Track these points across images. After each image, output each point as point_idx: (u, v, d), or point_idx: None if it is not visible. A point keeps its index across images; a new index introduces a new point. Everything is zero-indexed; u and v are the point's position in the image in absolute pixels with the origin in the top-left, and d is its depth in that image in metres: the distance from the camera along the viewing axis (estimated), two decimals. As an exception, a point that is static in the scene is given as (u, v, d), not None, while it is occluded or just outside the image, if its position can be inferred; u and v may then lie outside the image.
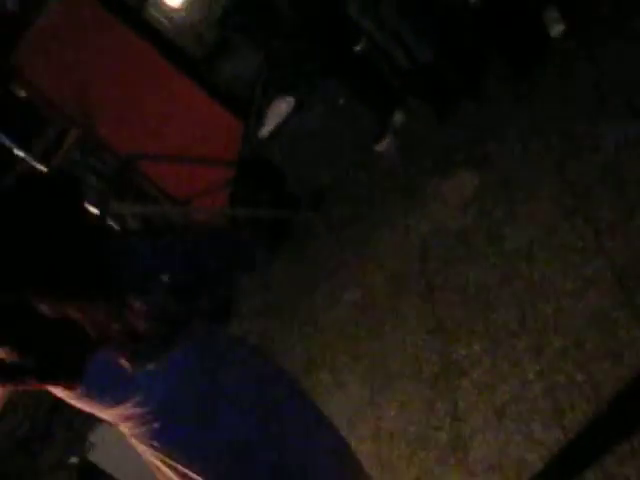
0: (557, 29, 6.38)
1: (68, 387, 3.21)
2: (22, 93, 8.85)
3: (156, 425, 3.34)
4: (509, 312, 4.86)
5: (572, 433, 4.06)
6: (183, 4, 10.20)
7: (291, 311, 6.97)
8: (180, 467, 3.42)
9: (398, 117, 7.39)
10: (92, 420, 6.17)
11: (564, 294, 4.61)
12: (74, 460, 6.86)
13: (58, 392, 3.26)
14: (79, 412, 3.35)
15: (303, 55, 7.94)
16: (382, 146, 7.39)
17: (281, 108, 9.47)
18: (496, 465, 4.27)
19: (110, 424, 3.50)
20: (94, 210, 7.72)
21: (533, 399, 4.34)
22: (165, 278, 3.35)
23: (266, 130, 9.55)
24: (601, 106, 5.45)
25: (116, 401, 3.28)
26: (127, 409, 3.30)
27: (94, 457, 6.12)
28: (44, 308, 3.07)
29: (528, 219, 5.25)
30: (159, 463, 3.49)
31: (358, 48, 7.34)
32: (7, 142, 7.61)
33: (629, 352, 4.09)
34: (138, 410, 3.31)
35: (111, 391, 3.26)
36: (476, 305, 5.14)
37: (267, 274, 7.68)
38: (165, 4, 10.13)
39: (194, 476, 3.43)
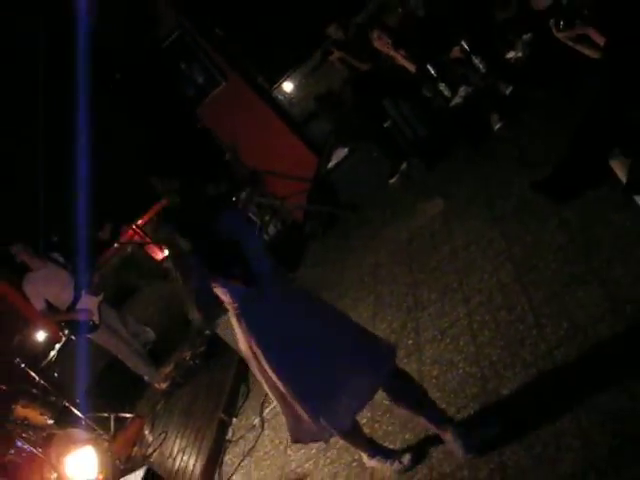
0: (497, 125, 6.44)
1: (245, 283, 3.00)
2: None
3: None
4: (451, 276, 4.78)
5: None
6: (293, 91, 10.26)
7: (332, 265, 6.84)
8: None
9: (404, 165, 7.35)
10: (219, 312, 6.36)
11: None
12: (209, 332, 6.78)
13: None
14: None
15: (356, 125, 7.97)
16: (393, 181, 7.42)
17: (340, 153, 9.50)
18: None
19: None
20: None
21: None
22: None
23: (331, 165, 9.60)
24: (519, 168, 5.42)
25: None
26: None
27: (220, 332, 5.88)
28: None
29: (470, 229, 5.17)
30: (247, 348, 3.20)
31: (386, 125, 7.41)
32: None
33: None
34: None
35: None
36: (434, 275, 5.06)
37: (321, 246, 7.66)
38: (284, 89, 10.18)
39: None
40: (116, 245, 8.07)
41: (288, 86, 10.29)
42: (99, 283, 7.23)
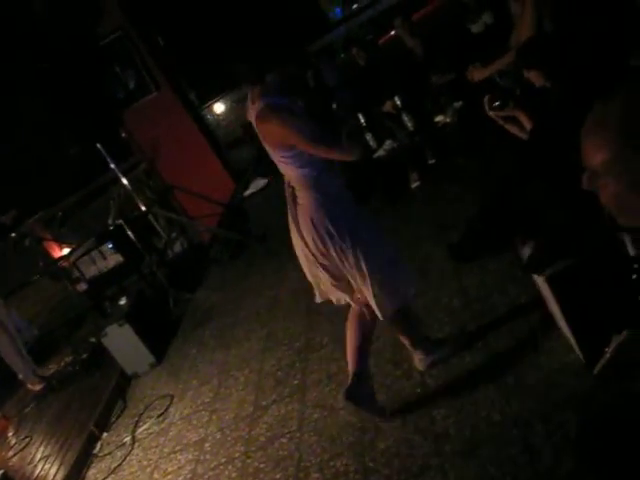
0: (415, 184, 6.57)
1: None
2: (123, 135, 8.89)
3: None
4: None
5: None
6: (222, 113, 10.24)
7: (231, 292, 6.73)
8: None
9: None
10: (109, 320, 6.23)
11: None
12: (94, 339, 6.67)
13: None
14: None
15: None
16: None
17: (258, 184, 9.51)
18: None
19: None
20: (143, 208, 7.80)
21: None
22: None
23: (247, 193, 9.59)
24: (431, 228, 5.53)
25: None
26: None
27: (105, 341, 5.92)
28: None
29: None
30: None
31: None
32: (108, 159, 7.58)
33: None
34: None
35: None
36: (330, 315, 4.93)
37: (224, 271, 7.58)
38: (214, 110, 10.15)
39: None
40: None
41: (219, 107, 10.27)
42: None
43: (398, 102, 6.40)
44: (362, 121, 6.46)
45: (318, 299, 3.72)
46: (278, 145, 3.24)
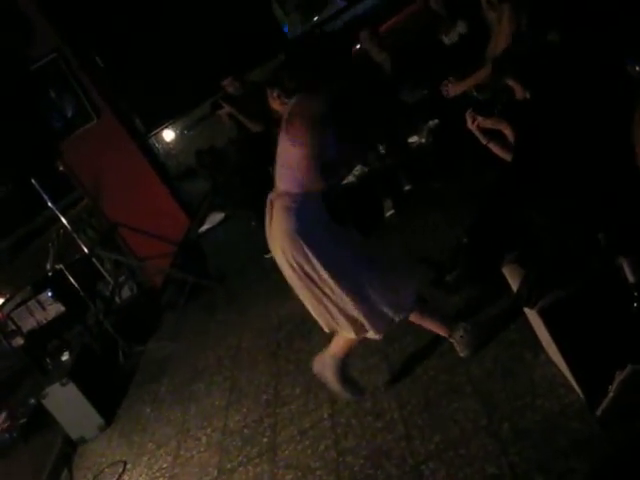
0: (389, 212, 6.60)
1: None
2: (61, 168, 8.84)
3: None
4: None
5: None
6: (172, 141, 10.23)
7: (188, 341, 6.71)
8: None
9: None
10: (51, 378, 6.14)
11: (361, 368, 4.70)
12: (33, 401, 6.59)
13: None
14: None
15: (236, 190, 7.99)
16: (269, 256, 7.37)
17: (215, 218, 9.50)
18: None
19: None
20: (85, 250, 7.74)
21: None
22: None
23: (203, 229, 9.57)
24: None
25: None
26: None
27: (46, 402, 5.82)
28: None
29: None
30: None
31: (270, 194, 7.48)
32: (44, 196, 7.50)
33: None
34: None
35: None
36: (300, 363, 5.04)
37: (179, 318, 7.55)
38: (162, 138, 10.14)
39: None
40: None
41: (168, 135, 10.25)
42: None
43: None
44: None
45: (325, 328, 3.96)
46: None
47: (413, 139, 6.41)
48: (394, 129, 6.60)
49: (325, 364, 4.15)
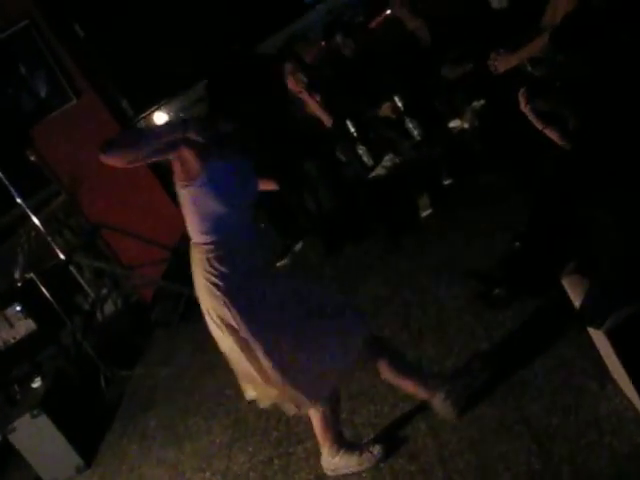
0: (426, 212, 6.61)
1: None
2: (32, 158, 8.86)
3: None
4: (342, 404, 4.81)
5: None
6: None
7: (184, 365, 6.71)
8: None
9: (299, 245, 7.48)
10: (20, 409, 6.17)
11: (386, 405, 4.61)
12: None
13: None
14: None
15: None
16: (281, 263, 7.47)
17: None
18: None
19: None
20: (62, 256, 7.77)
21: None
22: None
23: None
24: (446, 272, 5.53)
25: None
26: None
27: (13, 438, 5.85)
28: None
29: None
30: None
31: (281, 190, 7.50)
32: (12, 191, 7.53)
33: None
34: None
35: None
36: None
37: (173, 338, 7.56)
38: (153, 121, 10.15)
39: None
40: None
41: (160, 118, 10.26)
42: None
43: (399, 104, 6.45)
44: (353, 130, 6.50)
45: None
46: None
47: (455, 123, 6.40)
48: (432, 111, 6.58)
49: (332, 464, 4.23)
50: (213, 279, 3.64)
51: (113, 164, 3.44)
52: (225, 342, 3.76)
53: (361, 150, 6.63)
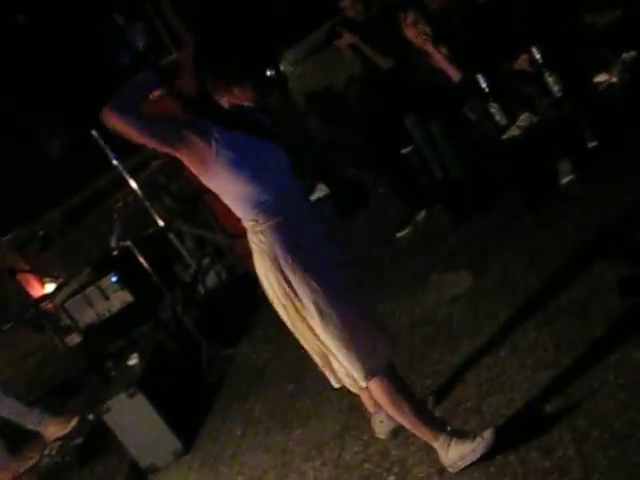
0: (567, 178, 6.51)
1: None
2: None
3: None
4: (468, 390, 4.75)
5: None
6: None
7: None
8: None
9: (422, 214, 7.47)
10: (115, 388, 6.31)
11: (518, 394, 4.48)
12: (91, 417, 6.79)
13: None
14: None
15: (359, 145, 7.99)
16: (403, 234, 7.46)
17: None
18: None
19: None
20: (161, 223, 7.90)
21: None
22: None
23: (312, 197, 9.59)
24: (593, 248, 5.44)
25: None
26: None
27: (108, 419, 5.97)
28: None
29: (504, 324, 5.16)
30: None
31: (404, 151, 7.49)
32: (108, 152, 7.65)
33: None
34: None
35: None
36: (441, 379, 5.02)
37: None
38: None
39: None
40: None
41: (269, 72, 10.33)
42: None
43: (537, 56, 6.35)
44: (484, 86, 6.43)
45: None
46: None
47: (601, 78, 6.27)
48: (575, 64, 6.47)
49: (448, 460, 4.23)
50: (276, 251, 3.84)
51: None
52: (294, 320, 4.08)
53: (493, 108, 6.54)
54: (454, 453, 4.12)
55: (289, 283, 3.89)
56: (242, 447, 5.78)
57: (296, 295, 3.92)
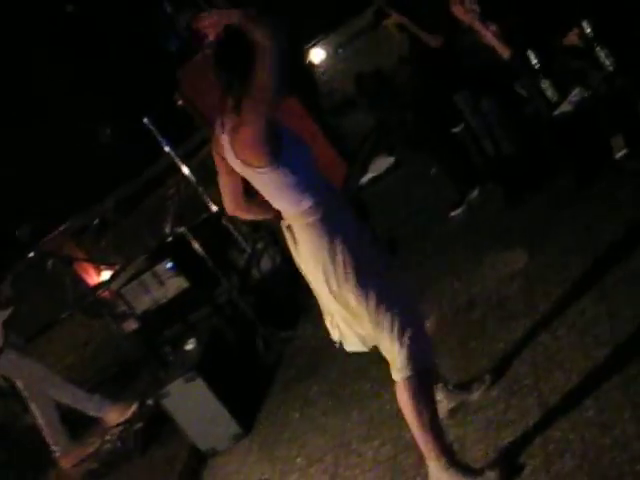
0: (620, 152, 6.45)
1: None
2: (180, 102, 9.06)
3: None
4: (523, 367, 4.78)
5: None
6: (323, 63, 10.31)
7: None
8: None
9: (474, 193, 7.45)
10: (173, 373, 6.37)
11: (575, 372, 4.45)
12: (151, 402, 6.85)
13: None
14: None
15: (410, 125, 7.98)
16: (456, 213, 7.45)
17: (381, 164, 9.53)
18: None
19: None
20: (214, 208, 7.93)
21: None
22: None
23: (365, 178, 9.62)
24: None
25: None
26: None
27: (167, 403, 6.05)
28: None
29: (561, 301, 5.14)
30: None
31: (455, 130, 7.46)
32: (160, 139, 7.71)
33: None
34: None
35: None
36: (498, 358, 5.03)
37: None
38: (310, 59, 10.20)
39: None
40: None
41: (317, 54, 10.33)
42: (10, 295, 7.28)
43: (588, 30, 6.30)
44: (535, 62, 6.39)
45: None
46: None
47: (654, 50, 6.22)
48: (627, 38, 6.41)
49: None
50: (326, 240, 3.93)
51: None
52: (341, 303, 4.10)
53: (544, 84, 6.50)
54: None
55: (337, 269, 3.95)
56: (300, 429, 5.82)
57: (346, 282, 3.97)
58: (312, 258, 4.01)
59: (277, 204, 4.07)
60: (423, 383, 4.13)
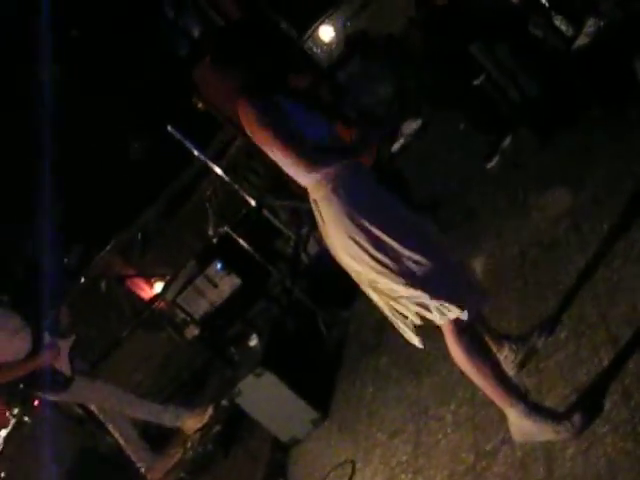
0: (644, 77, 6.38)
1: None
2: (198, 104, 9.07)
3: None
4: (586, 306, 4.73)
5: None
6: (334, 38, 10.29)
7: None
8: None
9: (507, 141, 7.41)
10: (241, 371, 6.40)
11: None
12: (225, 402, 6.88)
13: None
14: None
15: (430, 85, 7.95)
16: (491, 164, 7.42)
17: (410, 128, 9.50)
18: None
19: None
20: (252, 202, 7.96)
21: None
22: None
23: (395, 146, 9.59)
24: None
25: None
26: None
27: (241, 401, 6.08)
28: None
29: (611, 234, 5.10)
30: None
31: (477, 82, 7.43)
32: (187, 144, 7.73)
33: None
34: None
35: None
36: (559, 300, 4.98)
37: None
38: (320, 38, 10.20)
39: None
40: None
41: (326, 32, 10.30)
42: (70, 323, 7.34)
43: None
44: (544, 0, 6.34)
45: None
46: None
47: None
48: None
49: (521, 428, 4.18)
50: (345, 206, 3.93)
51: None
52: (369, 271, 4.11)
53: (557, 20, 6.45)
54: (530, 427, 4.06)
55: (367, 234, 3.94)
56: (376, 403, 5.82)
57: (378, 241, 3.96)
58: (338, 231, 4.02)
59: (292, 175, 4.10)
60: (472, 336, 4.11)
